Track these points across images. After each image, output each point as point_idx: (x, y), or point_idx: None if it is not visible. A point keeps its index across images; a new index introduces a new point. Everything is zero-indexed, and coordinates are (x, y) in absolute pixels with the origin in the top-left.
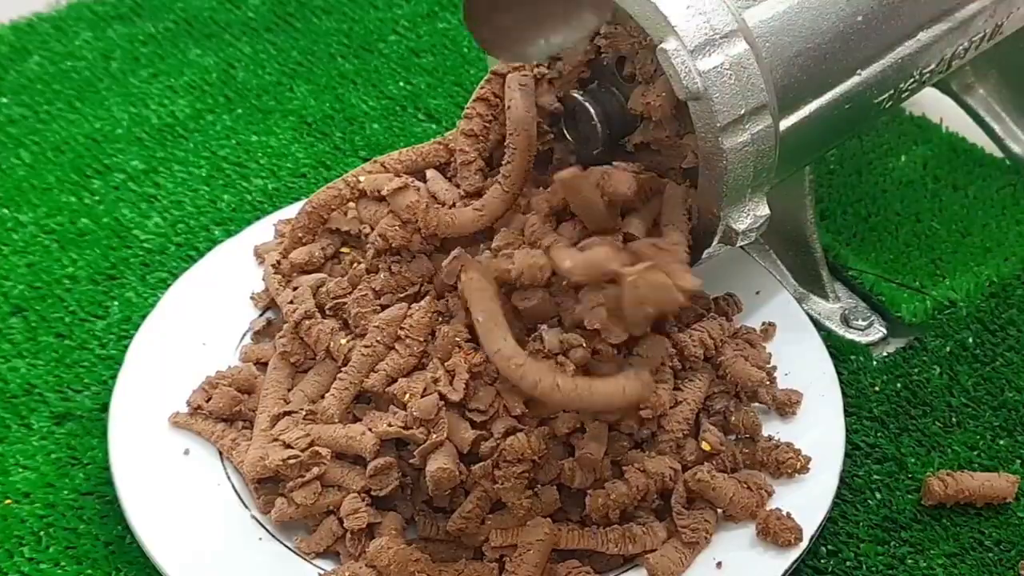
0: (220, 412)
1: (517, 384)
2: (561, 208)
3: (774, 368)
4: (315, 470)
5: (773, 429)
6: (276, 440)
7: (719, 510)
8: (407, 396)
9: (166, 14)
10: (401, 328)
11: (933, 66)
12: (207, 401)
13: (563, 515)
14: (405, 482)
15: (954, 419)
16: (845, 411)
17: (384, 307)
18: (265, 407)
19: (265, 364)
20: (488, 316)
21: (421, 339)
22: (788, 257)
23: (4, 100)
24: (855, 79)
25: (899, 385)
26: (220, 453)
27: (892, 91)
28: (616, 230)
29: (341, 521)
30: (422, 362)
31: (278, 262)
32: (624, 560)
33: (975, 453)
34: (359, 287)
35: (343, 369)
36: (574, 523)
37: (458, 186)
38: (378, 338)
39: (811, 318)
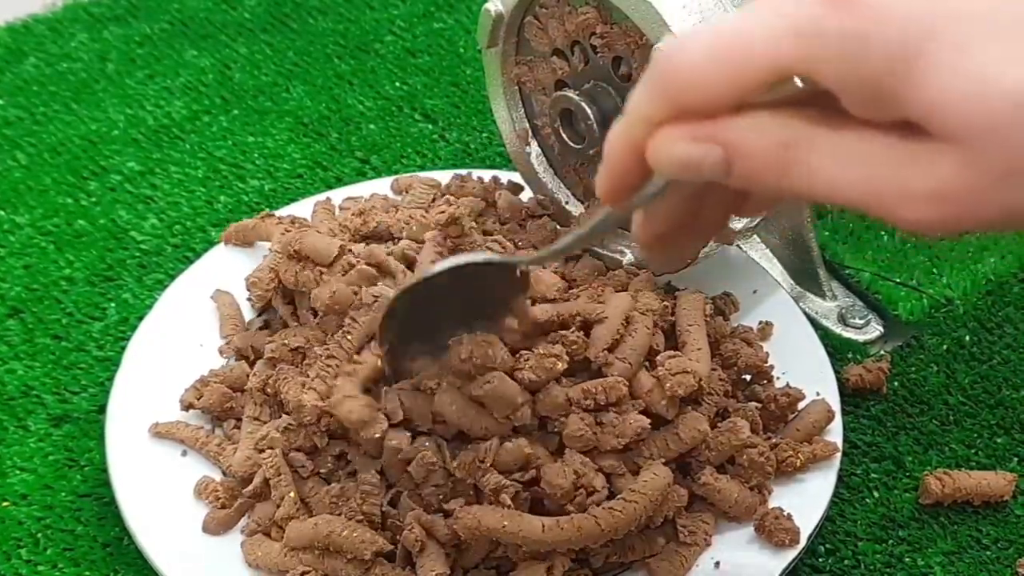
0: (211, 409)
1: (557, 547)
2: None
3: (771, 367)
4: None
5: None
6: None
7: (718, 511)
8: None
9: (162, 15)
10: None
11: None
12: (198, 399)
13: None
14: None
15: (951, 417)
16: (842, 410)
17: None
18: (249, 413)
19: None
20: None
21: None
22: (785, 256)
23: (0, 102)
24: None
25: (896, 383)
26: None
27: None
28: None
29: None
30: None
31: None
32: (621, 564)
33: (972, 451)
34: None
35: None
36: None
37: None
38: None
39: (808, 317)
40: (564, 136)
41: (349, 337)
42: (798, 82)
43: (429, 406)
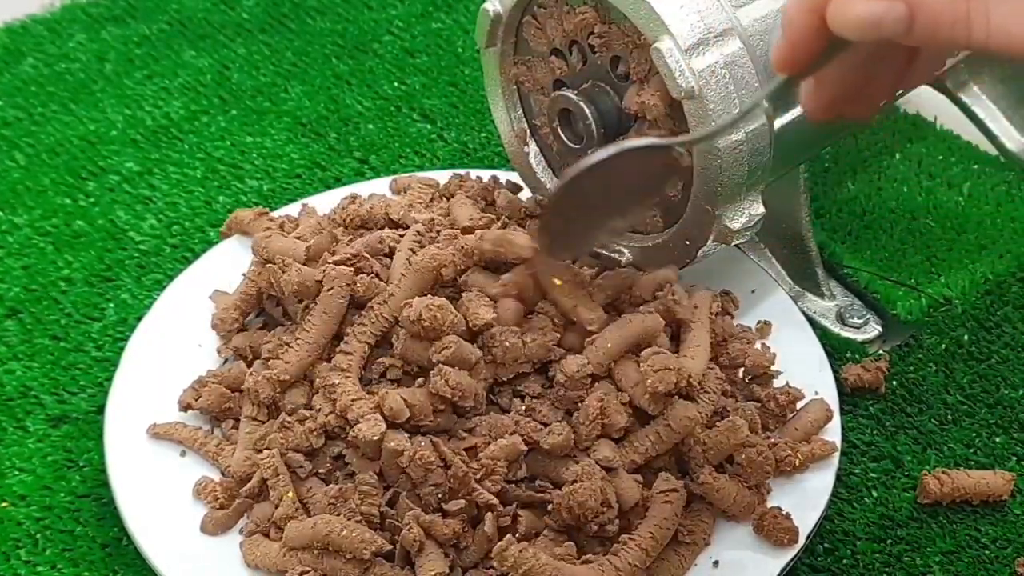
0: (210, 410)
1: None
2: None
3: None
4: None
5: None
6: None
7: (717, 510)
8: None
9: (160, 15)
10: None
11: None
12: (197, 400)
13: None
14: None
15: (950, 417)
16: (841, 409)
17: None
18: (247, 413)
19: None
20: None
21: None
22: (783, 255)
23: None
24: None
25: (895, 383)
26: None
27: None
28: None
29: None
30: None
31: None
32: None
33: (971, 451)
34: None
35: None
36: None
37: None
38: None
39: (807, 316)
40: (562, 136)
41: (309, 318)
42: None
43: (429, 402)
